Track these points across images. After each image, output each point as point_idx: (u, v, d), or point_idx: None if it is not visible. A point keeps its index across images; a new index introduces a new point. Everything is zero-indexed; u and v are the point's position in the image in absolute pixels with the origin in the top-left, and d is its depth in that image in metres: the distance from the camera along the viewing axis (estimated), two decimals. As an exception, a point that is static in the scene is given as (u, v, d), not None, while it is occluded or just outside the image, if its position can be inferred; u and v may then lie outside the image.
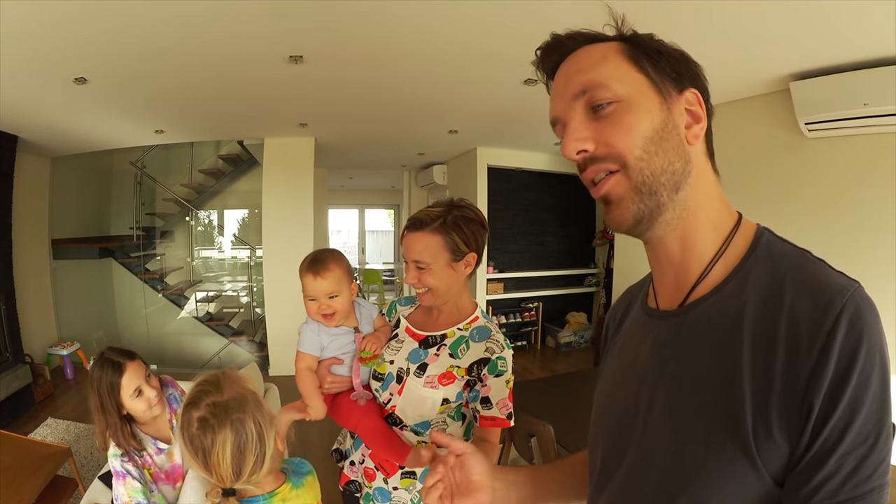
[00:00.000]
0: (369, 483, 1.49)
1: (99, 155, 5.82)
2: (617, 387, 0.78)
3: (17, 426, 3.98)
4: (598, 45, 0.68)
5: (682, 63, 0.66)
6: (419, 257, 1.35)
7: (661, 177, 0.63)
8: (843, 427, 0.50)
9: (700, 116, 0.65)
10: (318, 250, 1.47)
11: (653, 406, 0.67)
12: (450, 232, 1.34)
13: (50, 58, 2.84)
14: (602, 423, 0.80)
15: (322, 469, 3.59)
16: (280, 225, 5.68)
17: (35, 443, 2.74)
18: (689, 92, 0.65)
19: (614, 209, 0.65)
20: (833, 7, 2.20)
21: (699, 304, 0.65)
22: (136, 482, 1.58)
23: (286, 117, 4.66)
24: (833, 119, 3.00)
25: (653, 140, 0.63)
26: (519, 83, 3.50)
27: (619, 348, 0.83)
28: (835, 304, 0.53)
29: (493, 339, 1.38)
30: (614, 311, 0.91)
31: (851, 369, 0.50)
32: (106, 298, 6.81)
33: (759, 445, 0.54)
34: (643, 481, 0.66)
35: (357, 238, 13.04)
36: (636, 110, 0.63)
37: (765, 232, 0.66)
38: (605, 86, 0.64)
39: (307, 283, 1.41)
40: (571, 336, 6.77)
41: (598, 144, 0.64)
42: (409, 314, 1.56)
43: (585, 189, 0.69)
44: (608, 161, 0.64)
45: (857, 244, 3.04)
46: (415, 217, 1.38)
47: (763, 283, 0.60)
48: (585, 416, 1.16)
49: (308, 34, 2.69)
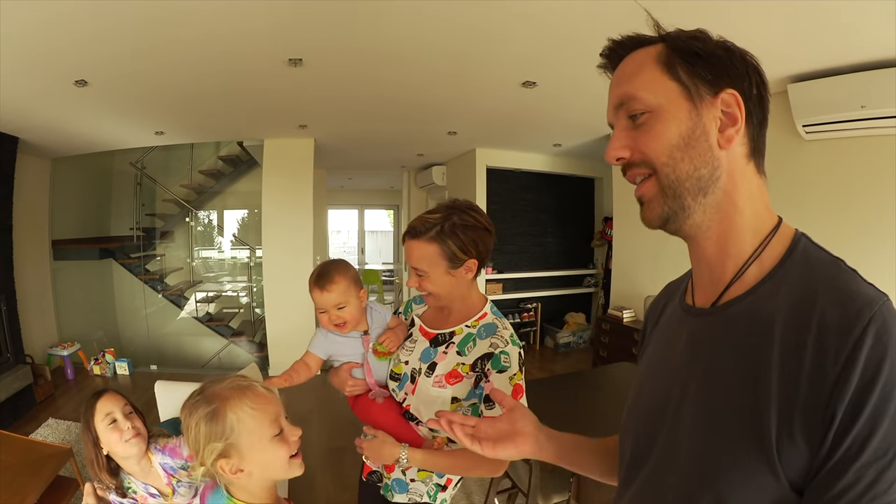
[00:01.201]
0: (388, 474, 1.52)
1: (99, 156, 5.82)
2: (651, 380, 0.80)
3: (17, 426, 3.99)
4: (640, 52, 0.70)
5: (725, 61, 0.66)
6: (417, 265, 1.36)
7: (685, 182, 0.66)
8: (864, 438, 0.50)
9: (736, 118, 0.65)
10: (324, 263, 1.51)
11: (683, 402, 0.69)
12: (446, 240, 1.33)
13: (50, 60, 2.86)
14: (634, 415, 0.81)
15: (322, 466, 3.63)
16: (280, 225, 5.69)
17: (36, 443, 2.75)
18: (726, 93, 0.65)
19: (645, 209, 0.70)
20: (831, 9, 2.21)
21: (734, 304, 0.67)
22: None
23: (286, 119, 4.68)
24: (831, 121, 3.02)
25: (678, 147, 0.65)
26: (517, 85, 3.52)
27: (655, 342, 0.85)
28: (863, 315, 0.53)
29: (498, 334, 1.38)
30: (654, 306, 0.93)
31: (875, 381, 0.51)
32: (106, 299, 6.81)
33: (780, 449, 0.55)
34: (669, 475, 0.68)
35: (356, 238, 13.04)
36: (664, 119, 0.66)
37: (802, 237, 0.67)
38: (637, 98, 0.67)
39: (315, 298, 1.46)
40: (570, 336, 6.78)
41: (633, 152, 0.69)
42: (422, 313, 1.58)
43: (584, 190, 0.73)
44: (642, 166, 0.68)
45: (856, 246, 3.05)
46: (412, 225, 1.37)
47: (796, 289, 0.61)
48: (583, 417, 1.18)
49: (307, 37, 2.71)
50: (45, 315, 5.61)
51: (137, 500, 1.64)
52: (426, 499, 1.48)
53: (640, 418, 0.79)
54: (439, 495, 1.49)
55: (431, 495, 1.48)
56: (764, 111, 0.68)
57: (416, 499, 1.48)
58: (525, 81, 3.44)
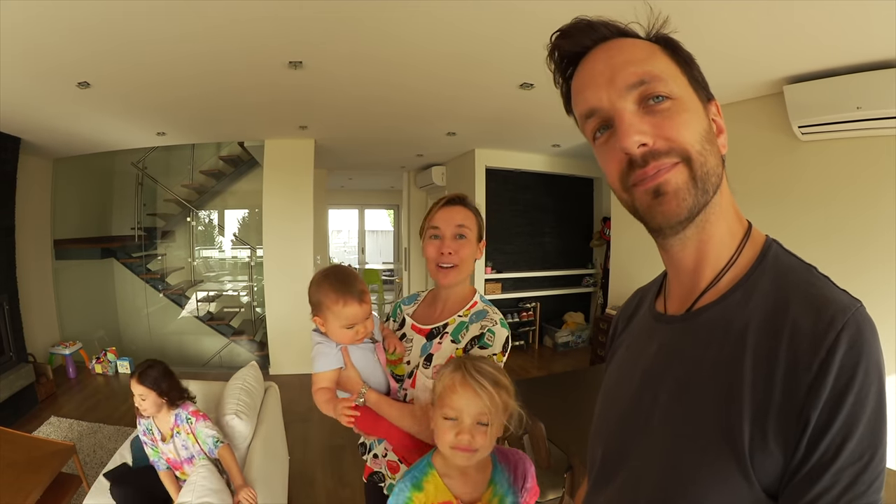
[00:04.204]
0: (392, 475, 1.54)
1: (101, 156, 5.85)
2: (621, 387, 0.78)
3: (20, 425, 4.02)
4: (639, 40, 0.67)
5: (702, 77, 0.68)
6: (464, 223, 1.46)
7: (711, 177, 0.63)
8: (839, 443, 0.50)
9: (722, 127, 0.67)
10: (338, 272, 1.40)
11: (654, 410, 0.68)
12: (479, 215, 1.50)
13: (53, 62, 2.89)
14: (604, 422, 0.81)
15: (322, 463, 3.65)
16: (280, 225, 5.72)
17: (40, 440, 2.78)
18: (713, 103, 0.67)
19: (670, 200, 0.62)
20: (826, 11, 2.22)
21: (705, 311, 0.66)
22: (148, 448, 2.30)
23: (286, 120, 4.71)
24: (826, 122, 3.02)
25: (707, 139, 0.63)
26: (515, 87, 3.55)
27: (625, 348, 0.84)
28: (836, 321, 0.53)
29: (489, 318, 1.44)
30: (624, 310, 0.91)
31: (850, 386, 0.51)
32: (108, 298, 6.84)
33: (753, 456, 0.55)
34: (642, 484, 0.67)
35: (357, 238, 13.06)
36: (689, 110, 0.63)
37: (773, 244, 0.67)
38: (664, 80, 0.63)
39: (350, 312, 1.34)
40: (569, 336, 6.81)
41: (656, 139, 0.62)
42: (412, 312, 1.62)
43: (583, 190, 0.71)
44: (671, 155, 0.62)
45: (850, 247, 3.07)
46: (457, 194, 1.51)
47: (768, 296, 0.60)
48: (577, 415, 1.22)
49: (308, 40, 2.74)
50: (46, 314, 5.64)
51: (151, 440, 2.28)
52: None
53: (611, 424, 0.78)
54: None
55: None
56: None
57: None
58: (523, 83, 3.47)
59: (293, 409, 4.30)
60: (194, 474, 2.03)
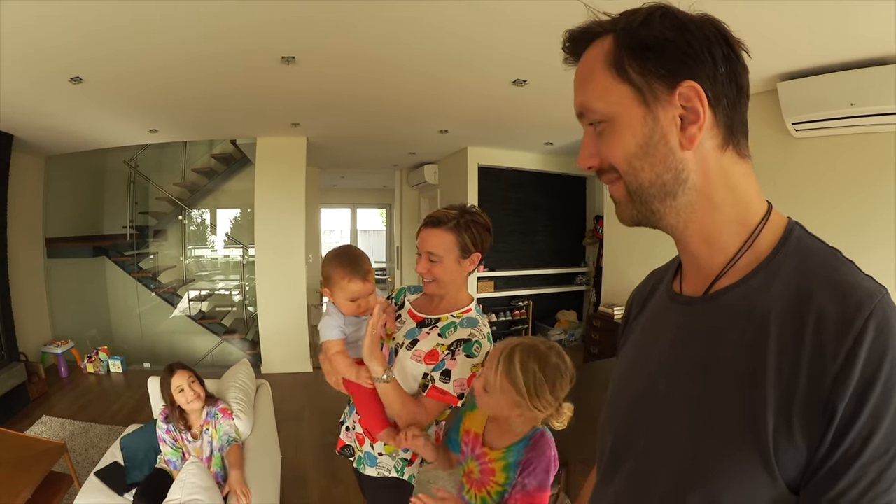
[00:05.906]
0: (360, 447, 1.63)
1: (93, 154, 5.82)
2: (636, 369, 0.76)
3: (11, 424, 3.99)
4: (592, 51, 0.66)
5: (680, 46, 0.60)
6: (433, 250, 1.50)
7: (649, 189, 0.63)
8: (865, 436, 0.49)
9: (698, 113, 0.60)
10: (349, 250, 1.53)
11: (671, 395, 0.66)
12: (462, 232, 1.50)
13: (46, 57, 2.87)
14: (614, 410, 0.79)
15: (314, 461, 3.66)
16: (272, 224, 5.72)
17: (31, 439, 2.77)
18: (683, 87, 0.59)
19: (618, 209, 0.70)
20: (820, 8, 2.24)
21: (725, 294, 0.64)
22: (167, 447, 2.34)
23: (278, 117, 4.70)
24: (820, 119, 3.03)
25: (637, 156, 0.63)
26: (508, 84, 3.56)
27: (640, 331, 0.82)
28: (863, 308, 0.52)
29: (478, 328, 1.51)
30: (639, 293, 0.89)
31: (877, 377, 0.49)
32: (99, 297, 6.81)
33: (777, 448, 0.53)
34: (655, 473, 0.66)
35: (349, 237, 13.03)
36: (619, 127, 0.63)
37: (795, 226, 0.65)
38: (592, 108, 0.66)
39: (354, 288, 1.47)
40: (562, 334, 6.82)
41: (600, 160, 0.67)
42: (414, 300, 1.71)
43: (576, 188, 0.73)
44: (612, 172, 0.67)
45: (846, 243, 3.02)
46: (433, 215, 1.54)
47: (791, 280, 0.59)
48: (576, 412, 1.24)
49: (300, 35, 2.74)
50: (38, 313, 5.61)
51: (174, 438, 2.35)
52: (394, 473, 1.59)
53: (623, 410, 0.76)
54: (406, 469, 1.60)
55: (399, 469, 1.59)
56: (737, 87, 0.62)
57: (385, 472, 1.59)
58: (516, 80, 3.47)
59: (285, 409, 4.31)
60: (184, 472, 2.06)
